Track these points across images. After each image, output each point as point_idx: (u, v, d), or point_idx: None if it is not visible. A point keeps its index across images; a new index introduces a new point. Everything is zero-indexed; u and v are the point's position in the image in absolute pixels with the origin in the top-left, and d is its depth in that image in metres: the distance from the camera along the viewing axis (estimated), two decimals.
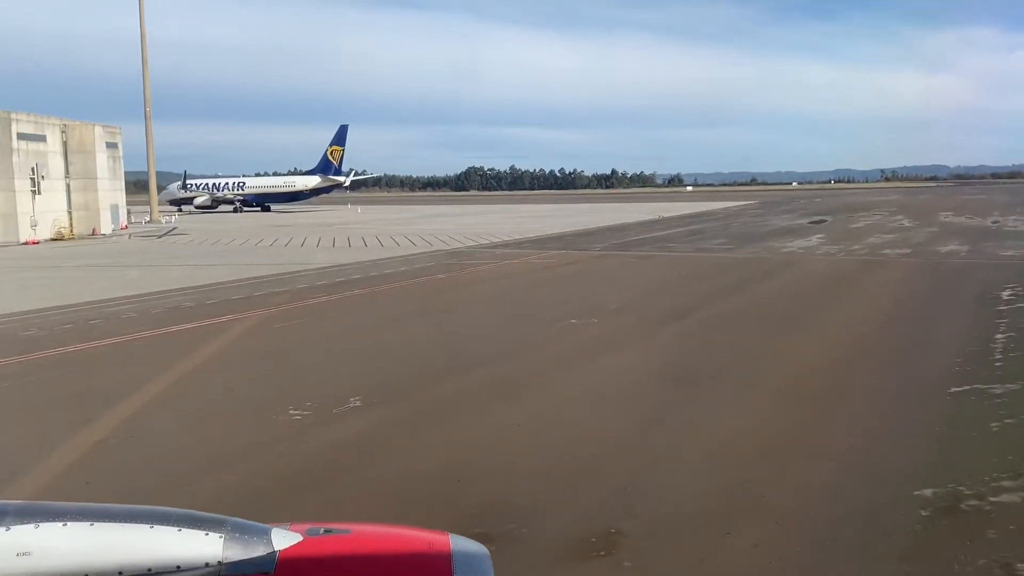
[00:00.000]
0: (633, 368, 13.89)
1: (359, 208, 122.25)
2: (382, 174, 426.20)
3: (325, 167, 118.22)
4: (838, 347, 15.07)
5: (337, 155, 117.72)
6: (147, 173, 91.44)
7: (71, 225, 62.80)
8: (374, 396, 12.70)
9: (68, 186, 63.07)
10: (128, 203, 74.52)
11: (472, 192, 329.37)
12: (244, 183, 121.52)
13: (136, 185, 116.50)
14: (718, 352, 14.76)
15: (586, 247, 43.02)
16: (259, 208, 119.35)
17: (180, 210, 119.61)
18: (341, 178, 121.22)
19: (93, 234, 63.34)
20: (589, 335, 18.21)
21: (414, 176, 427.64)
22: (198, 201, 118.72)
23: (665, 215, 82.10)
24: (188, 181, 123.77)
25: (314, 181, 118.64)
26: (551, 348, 16.77)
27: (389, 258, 37.96)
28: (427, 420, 11.03)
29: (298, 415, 11.81)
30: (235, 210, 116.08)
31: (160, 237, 61.42)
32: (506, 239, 47.10)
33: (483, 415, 11.05)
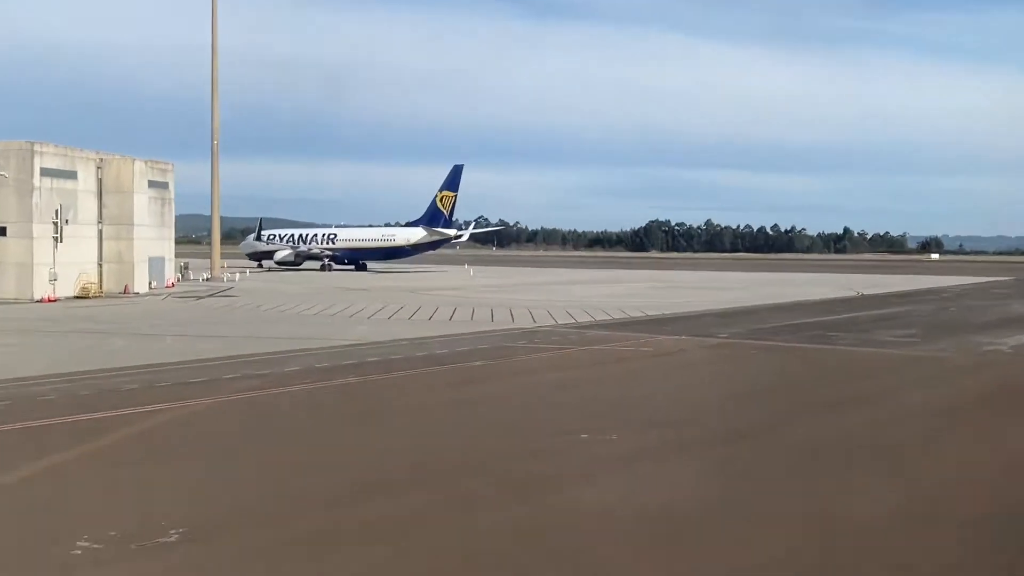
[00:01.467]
0: (599, 531, 13.62)
1: (472, 270, 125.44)
2: (538, 227, 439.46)
3: (433, 218, 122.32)
4: (944, 523, 13.90)
5: (448, 203, 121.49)
6: (218, 219, 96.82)
7: (100, 280, 67.53)
8: (196, 531, 13.06)
9: (100, 233, 67.82)
10: (198, 255, 79.43)
11: (650, 254, 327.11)
12: (335, 235, 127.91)
13: (225, 235, 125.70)
14: (747, 508, 14.54)
15: (712, 332, 43.54)
16: (352, 266, 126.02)
17: (260, 265, 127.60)
18: (452, 232, 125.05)
19: (124, 292, 67.71)
20: (581, 460, 17.93)
21: (580, 231, 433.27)
22: (279, 256, 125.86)
23: (868, 292, 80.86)
24: (270, 232, 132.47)
25: (417, 235, 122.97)
26: (514, 474, 16.74)
27: (443, 336, 41.05)
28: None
29: (79, 551, 12.22)
30: (322, 268, 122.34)
31: (201, 299, 65.45)
32: (619, 317, 51.58)
33: None
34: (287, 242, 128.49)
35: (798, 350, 37.16)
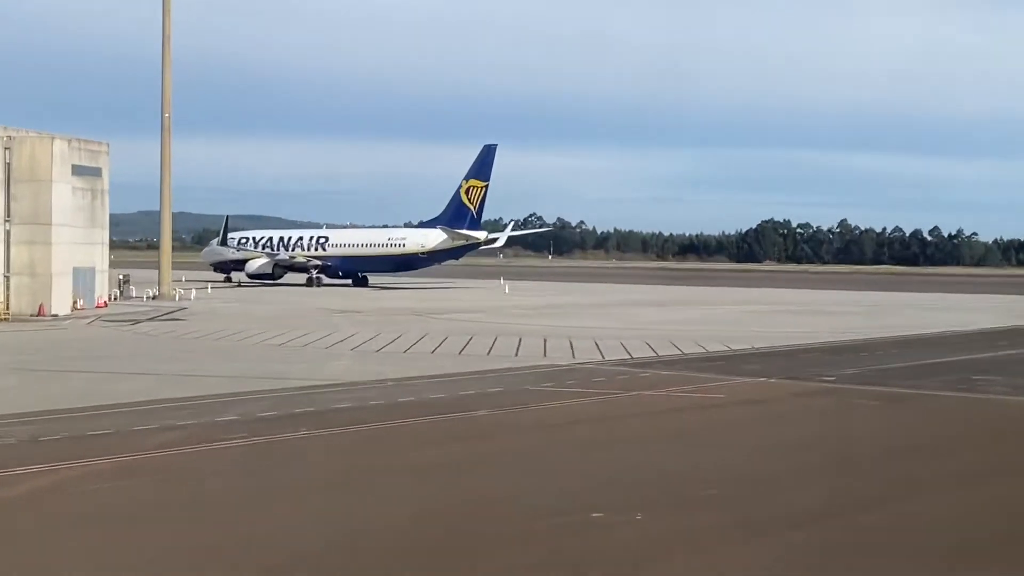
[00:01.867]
0: None
1: (508, 286, 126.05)
2: (609, 229, 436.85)
3: (456, 215, 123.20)
4: None
5: (476, 195, 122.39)
6: (169, 216, 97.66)
7: (6, 298, 68.77)
8: None
9: (7, 235, 69.10)
10: (150, 265, 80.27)
11: (762, 266, 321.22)
12: (326, 239, 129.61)
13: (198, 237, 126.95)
14: None
15: (814, 374, 43.23)
16: (349, 280, 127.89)
17: (228, 279, 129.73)
18: (480, 234, 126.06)
19: (39, 314, 68.77)
20: (584, 550, 17.82)
21: (667, 234, 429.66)
22: (253, 266, 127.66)
23: None
24: (240, 235, 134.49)
25: (434, 238, 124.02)
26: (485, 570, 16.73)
27: (445, 375, 42.03)
28: None
29: None
30: (309, 282, 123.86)
31: (138, 324, 66.52)
32: (691, 352, 52.63)
33: None
34: (263, 248, 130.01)
35: (928, 400, 36.73)
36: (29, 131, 71.21)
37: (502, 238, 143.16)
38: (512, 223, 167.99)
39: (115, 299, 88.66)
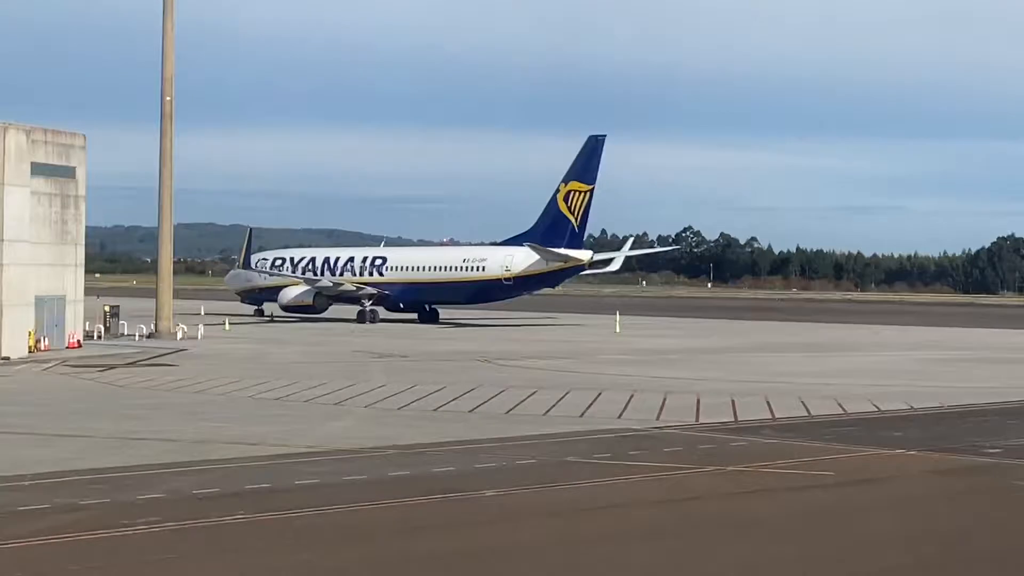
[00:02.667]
0: None
1: (622, 323, 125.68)
2: (789, 248, 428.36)
3: (551, 229, 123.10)
4: None
5: (578, 202, 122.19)
6: (170, 227, 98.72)
7: None
8: None
9: None
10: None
11: (1000, 298, 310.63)
12: (384, 260, 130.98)
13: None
14: None
15: (981, 444, 43.09)
16: (415, 314, 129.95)
17: (260, 311, 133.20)
18: (582, 255, 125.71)
19: None
20: None
21: (868, 254, 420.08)
22: (288, 296, 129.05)
23: None
24: (271, 255, 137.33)
25: (522, 259, 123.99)
26: None
27: (474, 440, 42.95)
28: None
29: None
30: (361, 316, 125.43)
31: (110, 370, 67.88)
32: (825, 412, 53.80)
33: None
34: (303, 271, 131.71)
35: None
36: None
37: (617, 259, 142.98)
38: (632, 239, 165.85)
39: (99, 336, 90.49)
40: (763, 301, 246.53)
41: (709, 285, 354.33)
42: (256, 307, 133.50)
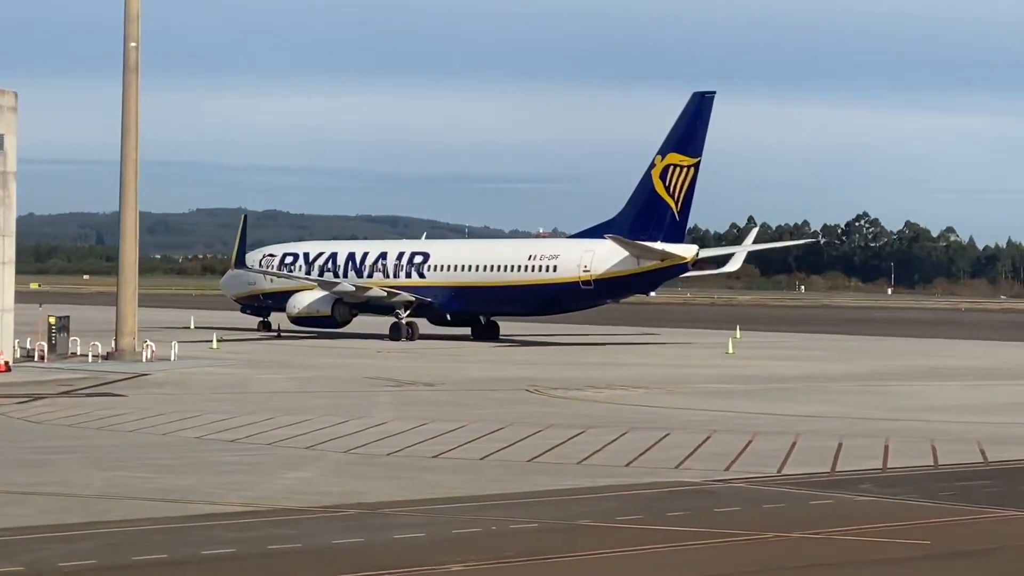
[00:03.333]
0: None
1: (736, 343, 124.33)
2: (1000, 243, 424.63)
3: (642, 216, 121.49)
4: None
5: (678, 180, 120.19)
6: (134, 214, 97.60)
7: None
8: None
9: None
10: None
11: None
12: (425, 257, 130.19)
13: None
14: None
15: None
16: (469, 329, 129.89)
17: (266, 323, 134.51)
18: (685, 250, 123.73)
19: None
20: None
21: None
22: (300, 304, 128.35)
23: None
24: (280, 249, 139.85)
25: (605, 257, 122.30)
26: None
27: (461, 498, 43.34)
28: None
29: None
30: (395, 331, 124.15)
31: (33, 400, 67.69)
32: (952, 462, 53.66)
33: None
34: (320, 272, 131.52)
35: None
36: None
37: (737, 256, 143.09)
38: (755, 230, 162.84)
39: (40, 357, 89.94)
40: (944, 312, 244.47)
41: (889, 291, 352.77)
42: (261, 318, 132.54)
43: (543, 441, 56.53)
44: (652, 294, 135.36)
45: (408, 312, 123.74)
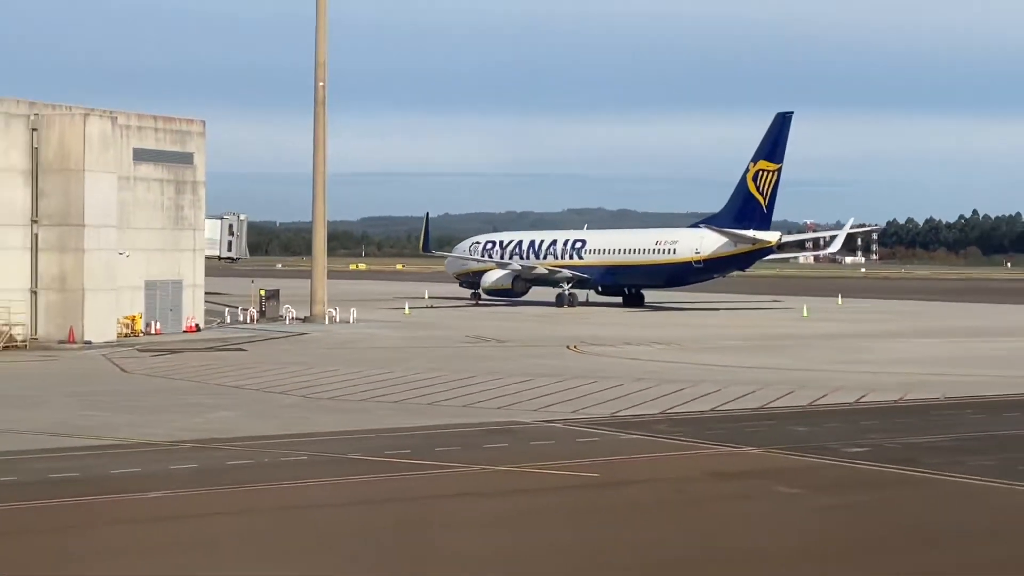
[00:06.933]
0: None
1: (816, 310, 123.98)
2: None
3: (741, 211, 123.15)
4: None
5: (767, 182, 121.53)
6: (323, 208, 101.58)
7: (33, 319, 73.30)
8: None
9: (35, 240, 73.78)
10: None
11: None
12: (583, 243, 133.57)
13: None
14: None
15: (837, 446, 41.15)
16: (620, 297, 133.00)
17: (477, 294, 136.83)
18: (770, 236, 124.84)
19: (69, 340, 72.81)
20: None
21: None
22: (489, 280, 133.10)
23: None
24: (484, 238, 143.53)
25: (709, 242, 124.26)
26: None
27: (367, 431, 43.93)
28: None
29: None
30: (559, 300, 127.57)
31: (176, 353, 70.33)
32: (803, 404, 52.47)
33: None
34: (511, 255, 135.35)
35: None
36: (60, 106, 75.58)
37: (838, 239, 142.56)
38: (851, 220, 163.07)
39: (252, 320, 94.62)
40: None
41: (1008, 264, 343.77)
42: (473, 290, 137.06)
43: (477, 389, 55.56)
44: (747, 270, 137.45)
45: (570, 285, 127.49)
